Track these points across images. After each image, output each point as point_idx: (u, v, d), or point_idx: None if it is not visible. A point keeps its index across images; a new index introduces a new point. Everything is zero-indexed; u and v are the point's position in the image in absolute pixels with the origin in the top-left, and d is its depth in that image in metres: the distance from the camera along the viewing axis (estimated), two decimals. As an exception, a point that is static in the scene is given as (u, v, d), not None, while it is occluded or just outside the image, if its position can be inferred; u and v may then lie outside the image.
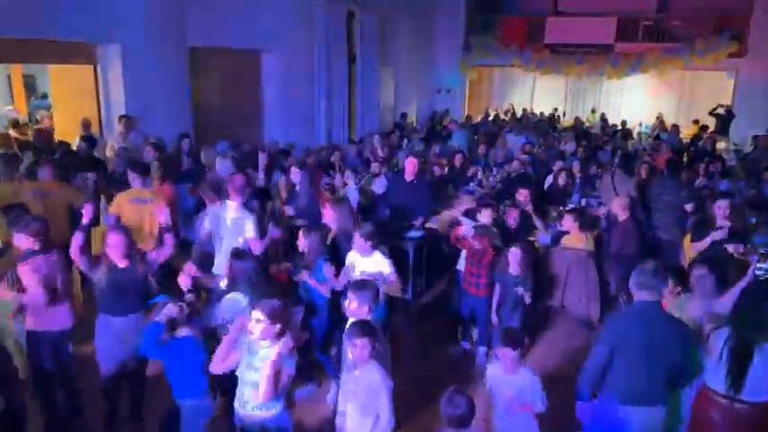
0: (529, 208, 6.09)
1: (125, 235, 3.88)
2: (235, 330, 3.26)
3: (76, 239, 3.85)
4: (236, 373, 3.23)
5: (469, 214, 6.10)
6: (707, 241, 5.25)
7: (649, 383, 3.13)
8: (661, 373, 3.12)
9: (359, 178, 7.91)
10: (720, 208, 5.38)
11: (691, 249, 5.40)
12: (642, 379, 3.13)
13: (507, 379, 3.48)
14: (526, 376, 3.48)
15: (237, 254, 4.06)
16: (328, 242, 5.02)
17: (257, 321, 3.08)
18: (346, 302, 3.59)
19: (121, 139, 8.03)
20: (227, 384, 3.50)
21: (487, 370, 3.68)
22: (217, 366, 3.27)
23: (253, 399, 3.15)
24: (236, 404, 3.25)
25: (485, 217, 5.48)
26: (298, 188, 6.42)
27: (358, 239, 4.45)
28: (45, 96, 12.75)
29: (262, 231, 5.00)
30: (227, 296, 3.88)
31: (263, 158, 6.75)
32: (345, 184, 7.54)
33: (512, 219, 5.74)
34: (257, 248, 4.78)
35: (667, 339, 3.07)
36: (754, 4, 14.68)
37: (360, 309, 3.51)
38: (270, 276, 4.55)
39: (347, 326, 3.54)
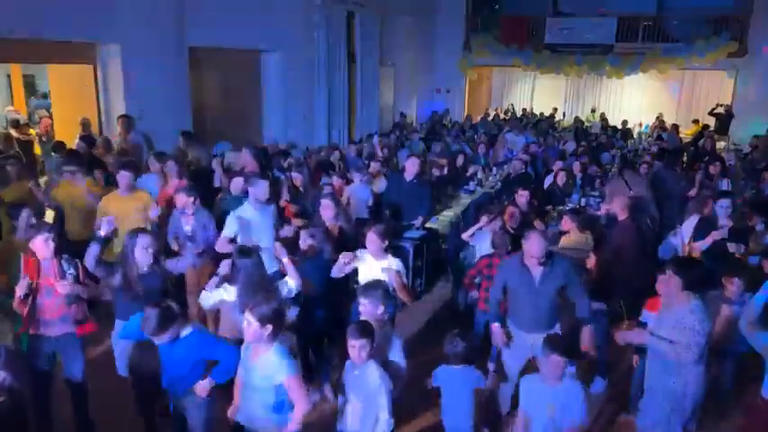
0: (526, 209, 6.09)
1: (153, 238, 3.91)
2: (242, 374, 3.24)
3: (93, 250, 3.80)
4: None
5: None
6: (707, 241, 5.27)
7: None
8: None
9: (364, 175, 7.84)
10: (722, 207, 5.39)
11: (693, 249, 5.43)
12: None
13: (549, 390, 3.15)
14: (571, 387, 3.13)
15: (241, 251, 4.06)
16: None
17: (248, 324, 3.01)
18: (360, 307, 3.55)
19: (121, 139, 8.03)
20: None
21: (521, 384, 3.39)
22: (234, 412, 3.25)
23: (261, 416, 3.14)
24: (238, 417, 3.25)
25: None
26: (301, 189, 6.47)
27: (372, 240, 4.24)
28: (45, 96, 12.74)
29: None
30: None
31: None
32: (350, 182, 7.53)
33: (512, 219, 5.72)
34: None
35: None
36: (754, 4, 14.68)
37: (374, 310, 3.49)
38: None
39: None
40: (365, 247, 4.30)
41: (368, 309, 3.49)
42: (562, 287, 3.94)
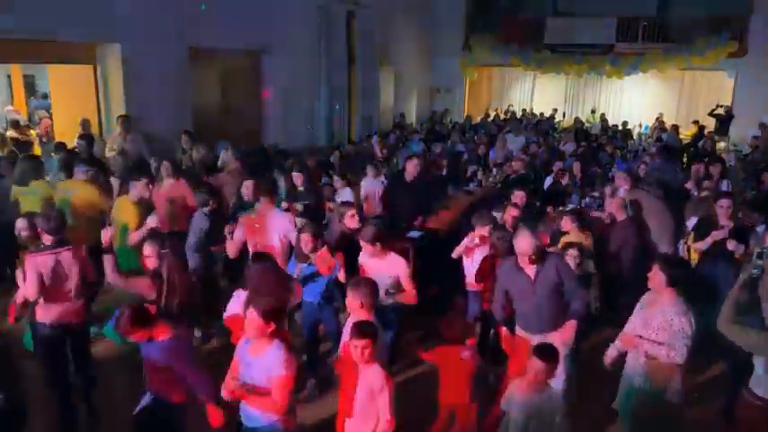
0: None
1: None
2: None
3: (108, 262, 3.99)
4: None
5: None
6: (708, 241, 5.27)
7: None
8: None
9: (375, 171, 7.82)
10: (723, 207, 5.39)
11: (693, 249, 5.44)
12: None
13: (529, 398, 3.23)
14: (554, 398, 3.21)
15: (257, 256, 4.05)
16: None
17: (251, 320, 3.04)
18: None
19: (120, 139, 8.03)
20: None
21: (508, 389, 3.44)
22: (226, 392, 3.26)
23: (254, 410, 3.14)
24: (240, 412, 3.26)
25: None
26: (301, 189, 6.49)
27: (364, 245, 4.31)
28: (45, 96, 12.73)
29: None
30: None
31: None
32: (350, 182, 7.55)
33: (510, 218, 5.71)
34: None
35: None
36: (754, 3, 14.68)
37: (352, 304, 3.54)
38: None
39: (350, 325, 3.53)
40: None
41: (348, 301, 3.57)
42: (559, 284, 3.96)
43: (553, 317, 3.97)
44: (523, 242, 3.88)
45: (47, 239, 3.97)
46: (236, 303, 3.92)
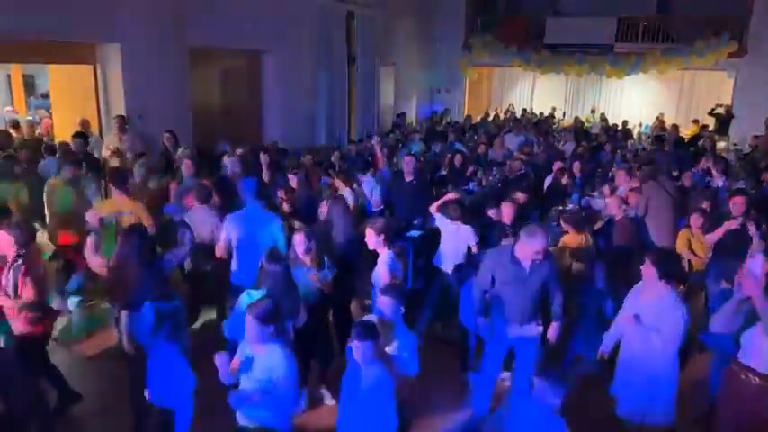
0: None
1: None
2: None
3: (90, 242, 3.89)
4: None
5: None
6: (719, 232, 5.29)
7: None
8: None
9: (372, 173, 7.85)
10: (737, 204, 5.42)
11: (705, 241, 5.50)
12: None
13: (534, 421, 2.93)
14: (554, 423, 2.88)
15: (272, 256, 4.05)
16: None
17: (250, 325, 3.04)
18: None
19: (117, 140, 8.02)
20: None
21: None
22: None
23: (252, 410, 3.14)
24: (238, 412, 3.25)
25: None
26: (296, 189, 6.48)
27: (369, 234, 4.36)
28: (45, 96, 12.75)
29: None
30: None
31: (264, 159, 6.82)
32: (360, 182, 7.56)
33: (507, 216, 5.71)
34: None
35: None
36: (754, 4, 14.68)
37: None
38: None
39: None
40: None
41: None
42: (547, 281, 4.06)
43: (534, 310, 4.09)
44: (540, 242, 3.87)
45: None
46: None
